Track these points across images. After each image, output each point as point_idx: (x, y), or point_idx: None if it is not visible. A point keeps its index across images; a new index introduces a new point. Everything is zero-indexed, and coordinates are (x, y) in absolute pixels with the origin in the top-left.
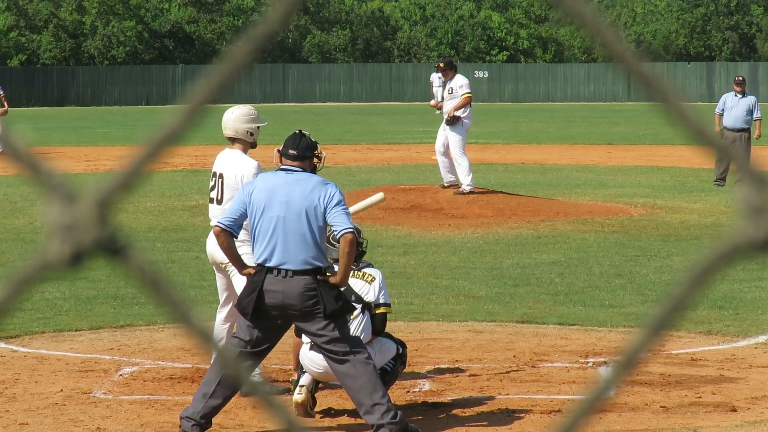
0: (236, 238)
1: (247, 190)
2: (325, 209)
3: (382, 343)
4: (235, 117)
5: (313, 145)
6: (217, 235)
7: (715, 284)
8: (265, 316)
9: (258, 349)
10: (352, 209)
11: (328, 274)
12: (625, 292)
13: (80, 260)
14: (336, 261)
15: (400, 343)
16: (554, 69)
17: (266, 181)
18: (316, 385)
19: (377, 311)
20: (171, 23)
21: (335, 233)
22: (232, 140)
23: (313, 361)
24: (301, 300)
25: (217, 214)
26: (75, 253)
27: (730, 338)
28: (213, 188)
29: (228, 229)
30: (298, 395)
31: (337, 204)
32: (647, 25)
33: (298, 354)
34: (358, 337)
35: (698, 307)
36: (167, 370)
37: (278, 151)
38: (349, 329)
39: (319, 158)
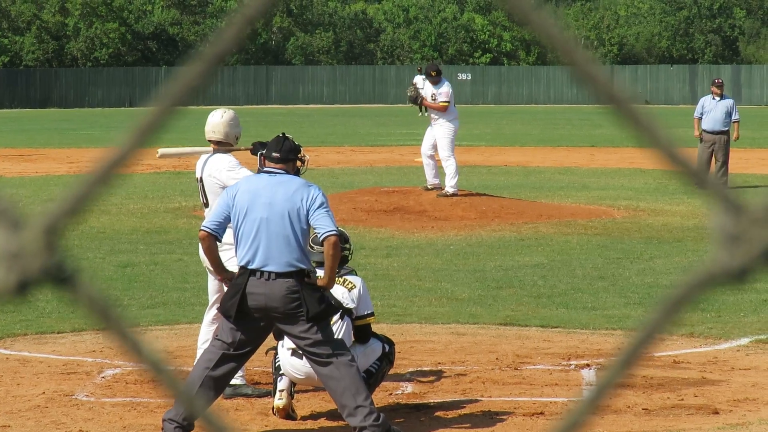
0: (220, 241)
1: (231, 192)
2: (308, 211)
3: (367, 345)
4: (225, 121)
5: (297, 149)
6: (202, 239)
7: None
8: (248, 318)
9: (241, 351)
10: (178, 150)
11: (310, 276)
12: (608, 294)
13: (27, 289)
14: (319, 264)
15: (388, 342)
16: (537, 71)
17: (249, 183)
18: (293, 386)
19: (360, 322)
20: (154, 25)
21: (318, 236)
22: (216, 143)
23: (295, 366)
24: (284, 302)
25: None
26: (21, 281)
27: (712, 341)
28: (199, 193)
29: (213, 233)
30: (279, 400)
31: (320, 206)
32: (630, 28)
33: None
34: (342, 340)
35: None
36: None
37: (261, 154)
38: (332, 331)
39: (303, 161)
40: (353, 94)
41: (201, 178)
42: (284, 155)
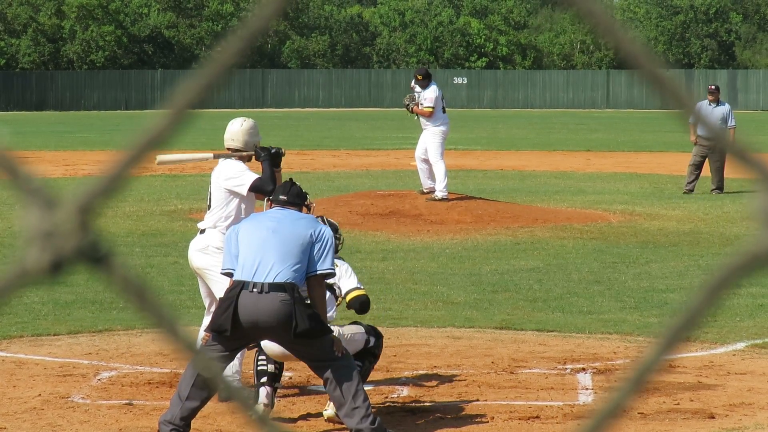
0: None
1: (236, 228)
2: (312, 242)
3: (352, 333)
4: (244, 130)
5: (303, 195)
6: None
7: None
8: (238, 327)
9: (228, 353)
10: (177, 157)
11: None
12: (604, 298)
13: (61, 268)
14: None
15: (375, 334)
16: (533, 75)
17: (253, 218)
18: (274, 396)
19: (348, 298)
20: (150, 28)
21: (314, 271)
22: (235, 151)
23: (270, 348)
24: (276, 316)
25: (205, 218)
26: (55, 261)
27: (709, 345)
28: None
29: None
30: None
31: (326, 242)
32: (626, 33)
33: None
34: (339, 340)
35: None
36: (145, 374)
37: (268, 199)
38: (329, 337)
39: (309, 208)
40: (349, 98)
41: (211, 180)
42: (291, 199)
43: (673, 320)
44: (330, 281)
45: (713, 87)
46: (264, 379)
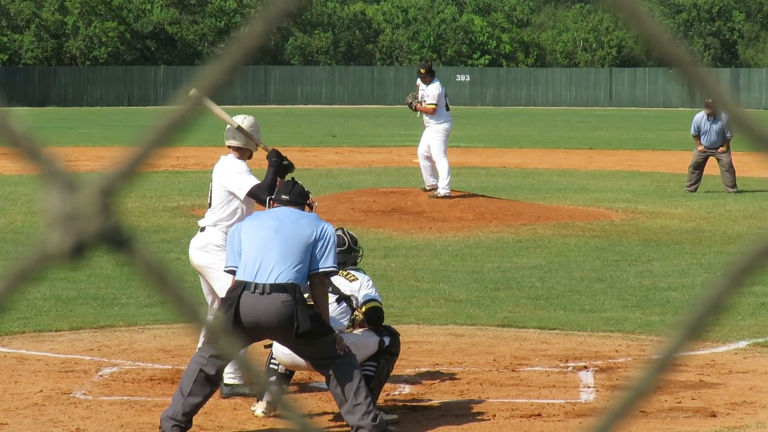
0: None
1: (239, 227)
2: (315, 241)
3: (359, 338)
4: (245, 127)
5: (306, 194)
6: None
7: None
8: (240, 327)
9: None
10: (215, 108)
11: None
12: (606, 296)
13: (82, 251)
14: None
15: (390, 332)
16: (536, 73)
17: (255, 217)
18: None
19: (363, 309)
20: (153, 24)
21: (316, 269)
22: (236, 149)
23: (283, 351)
24: (277, 317)
25: (206, 216)
26: (77, 244)
27: (710, 344)
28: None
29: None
30: (262, 412)
31: (329, 240)
32: (629, 31)
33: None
34: (340, 338)
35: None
36: (147, 371)
37: (270, 198)
38: (330, 337)
39: (311, 207)
40: (352, 95)
41: (212, 179)
42: (294, 198)
43: (694, 310)
44: (347, 292)
45: (710, 100)
46: (273, 379)
